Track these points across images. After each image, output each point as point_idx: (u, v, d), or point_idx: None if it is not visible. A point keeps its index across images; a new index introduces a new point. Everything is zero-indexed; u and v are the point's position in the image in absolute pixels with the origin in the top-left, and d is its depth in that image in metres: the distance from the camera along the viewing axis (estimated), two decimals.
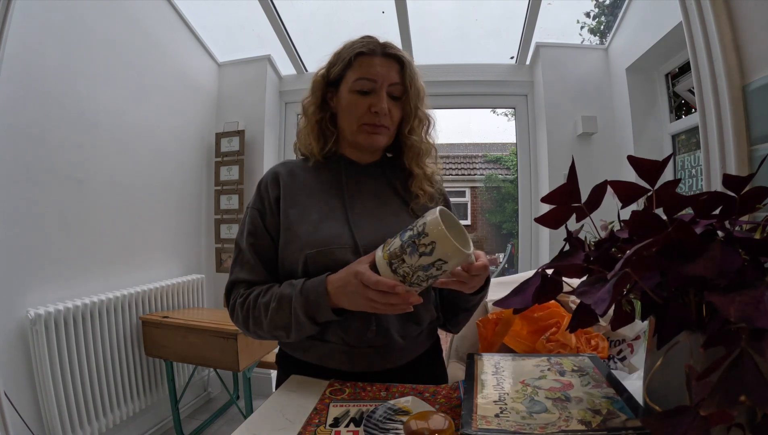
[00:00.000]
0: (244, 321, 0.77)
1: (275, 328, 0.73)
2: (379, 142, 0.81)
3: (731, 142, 1.05)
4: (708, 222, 0.44)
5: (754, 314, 0.33)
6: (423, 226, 0.58)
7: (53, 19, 1.60)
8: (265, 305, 0.73)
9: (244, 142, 2.52)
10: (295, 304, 0.70)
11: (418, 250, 0.57)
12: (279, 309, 0.71)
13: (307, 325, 0.70)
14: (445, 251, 0.56)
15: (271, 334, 0.75)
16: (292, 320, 0.71)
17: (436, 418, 0.52)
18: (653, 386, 0.48)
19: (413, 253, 0.57)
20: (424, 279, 0.59)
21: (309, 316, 0.70)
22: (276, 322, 0.72)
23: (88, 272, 1.77)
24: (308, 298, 0.69)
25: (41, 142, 1.56)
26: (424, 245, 0.56)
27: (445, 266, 0.57)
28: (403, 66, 0.80)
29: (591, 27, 2.86)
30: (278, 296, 0.72)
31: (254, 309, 0.75)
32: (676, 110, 2.08)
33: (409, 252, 0.57)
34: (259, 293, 0.75)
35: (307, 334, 0.73)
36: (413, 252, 0.57)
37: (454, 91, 2.57)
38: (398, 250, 0.59)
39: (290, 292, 0.71)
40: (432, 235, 0.56)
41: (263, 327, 0.74)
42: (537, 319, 1.08)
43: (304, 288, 0.70)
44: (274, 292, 0.74)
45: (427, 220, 0.58)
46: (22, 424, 1.42)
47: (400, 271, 0.58)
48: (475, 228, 7.21)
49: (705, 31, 1.11)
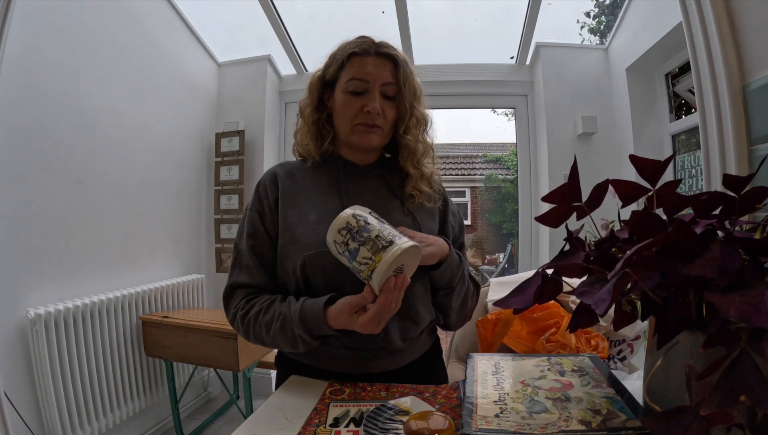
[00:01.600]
0: (245, 334, 0.78)
1: (277, 345, 0.76)
2: (373, 142, 0.81)
3: (731, 142, 1.05)
4: (708, 222, 0.44)
5: (754, 314, 0.33)
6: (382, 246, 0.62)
7: (53, 19, 1.60)
8: (266, 324, 0.74)
9: (244, 142, 2.52)
10: (296, 329, 0.71)
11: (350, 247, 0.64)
12: (281, 330, 0.72)
13: (310, 342, 0.72)
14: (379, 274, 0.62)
15: (273, 347, 0.77)
16: (297, 339, 0.72)
17: (436, 418, 0.51)
18: (653, 386, 0.48)
19: (352, 257, 0.64)
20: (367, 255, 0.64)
21: (311, 336, 0.71)
22: (278, 340, 0.74)
23: (88, 272, 1.77)
24: (308, 324, 0.70)
25: (41, 142, 1.56)
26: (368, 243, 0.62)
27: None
28: (397, 65, 0.79)
29: (591, 27, 2.86)
30: (280, 318, 0.72)
31: (255, 324, 0.75)
32: (676, 110, 2.08)
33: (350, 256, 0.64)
34: (260, 311, 0.75)
35: (308, 347, 0.74)
36: (352, 256, 0.64)
37: (454, 91, 2.57)
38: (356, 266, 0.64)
39: (290, 316, 0.72)
40: (377, 258, 0.61)
41: (265, 342, 0.76)
42: (536, 319, 1.08)
43: (302, 315, 0.70)
44: (275, 311, 0.74)
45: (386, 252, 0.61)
46: (22, 424, 1.42)
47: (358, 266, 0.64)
48: (475, 228, 7.20)
49: (705, 31, 1.11)
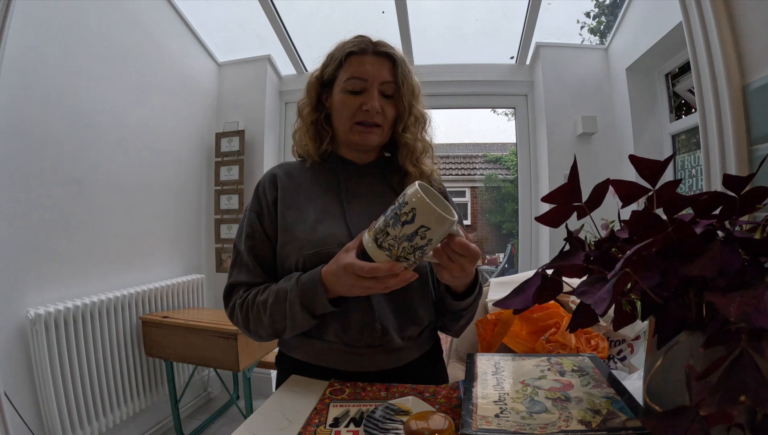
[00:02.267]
0: (244, 322, 0.76)
1: (274, 322, 0.73)
2: (372, 141, 0.81)
3: (731, 142, 1.05)
4: (708, 222, 0.44)
5: (754, 314, 0.33)
6: (403, 196, 0.59)
7: (53, 19, 1.60)
8: (263, 302, 0.73)
9: (244, 142, 2.52)
10: (292, 296, 0.69)
11: (400, 220, 0.58)
12: (276, 303, 0.71)
13: (302, 317, 0.69)
14: (426, 217, 0.57)
15: (272, 329, 0.74)
16: (287, 313, 0.70)
17: (436, 418, 0.51)
18: (653, 386, 0.48)
19: (396, 223, 0.58)
20: (410, 251, 0.59)
21: (306, 308, 0.69)
22: (275, 317, 0.72)
23: (88, 272, 1.77)
24: (305, 290, 0.69)
25: (41, 142, 1.56)
26: (405, 214, 0.58)
27: (428, 234, 0.58)
28: (395, 64, 0.79)
29: (591, 27, 2.86)
30: (275, 291, 0.72)
31: (253, 307, 0.74)
32: (676, 110, 2.08)
33: (392, 223, 0.59)
34: (258, 292, 0.75)
35: (303, 327, 0.72)
36: (396, 223, 0.58)
37: (454, 91, 2.57)
38: (382, 224, 0.60)
39: (286, 285, 0.71)
40: (411, 202, 0.57)
41: (263, 324, 0.74)
42: (536, 319, 1.08)
43: (300, 280, 0.70)
44: (271, 288, 0.74)
45: (407, 192, 0.59)
46: (22, 424, 1.42)
47: (386, 244, 0.59)
48: (475, 228, 7.20)
49: (705, 31, 1.11)
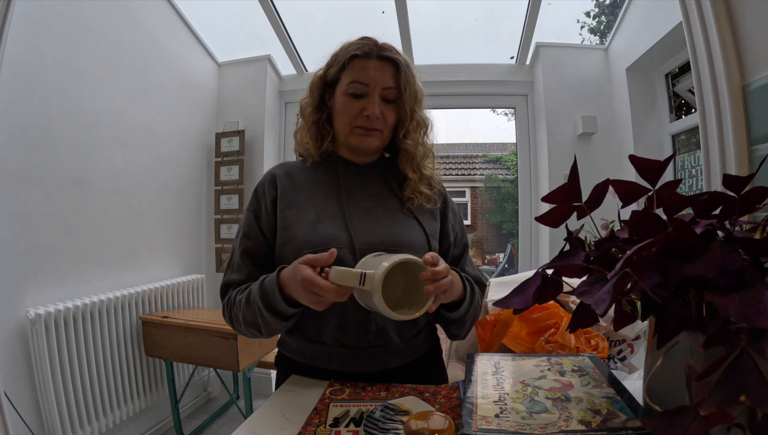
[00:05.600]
0: (230, 320, 0.77)
1: (248, 322, 0.73)
2: (371, 145, 0.81)
3: (731, 142, 1.05)
4: (708, 222, 0.44)
5: (754, 314, 0.33)
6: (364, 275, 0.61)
7: (53, 19, 1.60)
8: (239, 302, 0.74)
9: (244, 142, 2.52)
10: (256, 297, 0.70)
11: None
12: (247, 303, 0.72)
13: (271, 319, 0.69)
14: (375, 303, 0.60)
15: (254, 328, 0.74)
16: (257, 312, 0.70)
17: (436, 418, 0.51)
18: (653, 386, 0.48)
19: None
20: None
21: (270, 310, 0.69)
22: (247, 317, 0.72)
23: (88, 272, 1.77)
24: (266, 293, 0.69)
25: (41, 142, 1.56)
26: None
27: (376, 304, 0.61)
28: (399, 69, 0.79)
29: (591, 27, 2.86)
30: (248, 292, 0.73)
31: (233, 306, 0.75)
32: (676, 110, 2.08)
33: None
34: (239, 291, 0.76)
35: (277, 329, 0.72)
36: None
37: (454, 91, 2.57)
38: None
39: (255, 286, 0.72)
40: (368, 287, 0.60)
41: (242, 324, 0.74)
42: (536, 320, 1.08)
43: (264, 282, 0.71)
44: (249, 288, 0.74)
45: (368, 274, 0.61)
46: (22, 424, 1.41)
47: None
48: (475, 228, 7.20)
49: (705, 31, 1.11)
